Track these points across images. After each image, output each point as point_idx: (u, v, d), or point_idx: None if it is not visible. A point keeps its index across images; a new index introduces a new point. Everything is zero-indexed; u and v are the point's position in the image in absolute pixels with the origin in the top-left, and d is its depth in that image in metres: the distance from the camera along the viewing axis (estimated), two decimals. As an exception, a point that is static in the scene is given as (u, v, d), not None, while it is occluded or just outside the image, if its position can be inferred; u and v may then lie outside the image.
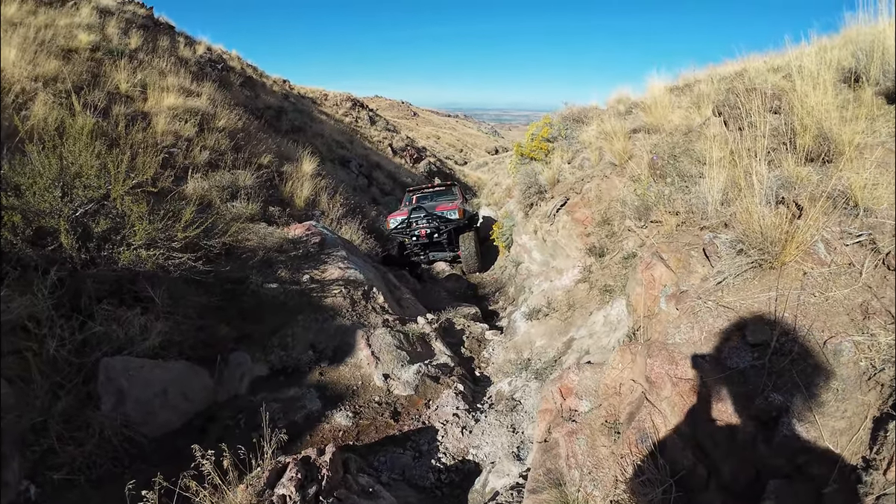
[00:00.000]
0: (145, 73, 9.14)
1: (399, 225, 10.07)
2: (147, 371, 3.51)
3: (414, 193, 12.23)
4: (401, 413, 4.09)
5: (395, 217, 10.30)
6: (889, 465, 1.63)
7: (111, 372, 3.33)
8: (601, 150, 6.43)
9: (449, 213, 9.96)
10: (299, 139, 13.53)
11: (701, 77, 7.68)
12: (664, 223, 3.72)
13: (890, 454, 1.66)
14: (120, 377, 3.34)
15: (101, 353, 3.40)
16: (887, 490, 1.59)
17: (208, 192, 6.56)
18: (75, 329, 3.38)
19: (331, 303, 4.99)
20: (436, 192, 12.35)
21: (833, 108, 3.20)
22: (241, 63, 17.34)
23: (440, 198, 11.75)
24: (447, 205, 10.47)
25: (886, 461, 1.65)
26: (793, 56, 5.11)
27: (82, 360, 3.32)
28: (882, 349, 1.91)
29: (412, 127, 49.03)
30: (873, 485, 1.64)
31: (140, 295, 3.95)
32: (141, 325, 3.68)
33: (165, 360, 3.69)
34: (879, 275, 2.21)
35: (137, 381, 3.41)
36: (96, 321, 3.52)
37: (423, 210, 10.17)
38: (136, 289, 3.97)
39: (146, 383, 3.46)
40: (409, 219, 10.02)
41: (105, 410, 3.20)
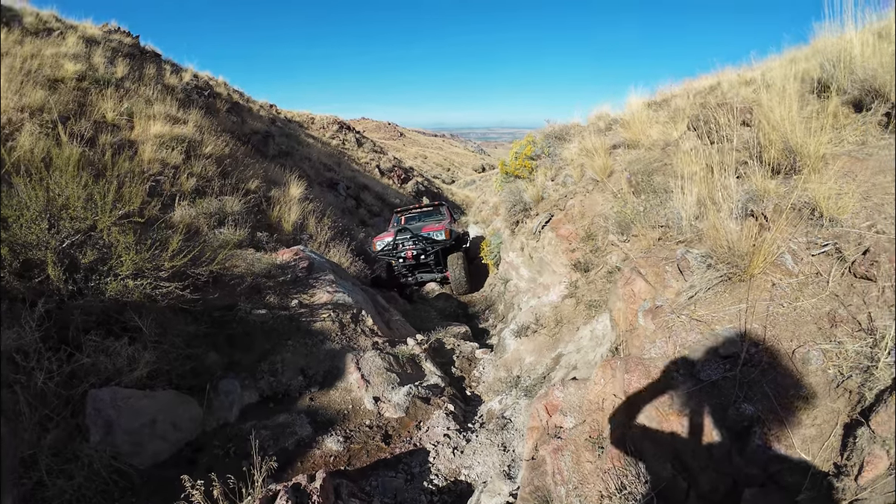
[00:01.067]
0: (132, 101, 9.20)
1: (385, 247, 10.05)
2: (135, 401, 3.49)
3: (402, 214, 12.21)
4: (392, 436, 4.09)
5: (381, 239, 10.28)
6: (860, 471, 1.69)
7: (99, 403, 3.31)
8: (583, 166, 6.56)
9: (435, 234, 9.95)
10: (287, 163, 13.59)
11: (677, 92, 7.91)
12: (644, 238, 3.81)
13: (860, 460, 1.72)
14: (108, 408, 3.32)
15: (89, 384, 3.39)
16: (860, 496, 1.65)
17: (195, 219, 6.57)
18: (63, 361, 3.37)
19: (320, 327, 5.01)
20: (423, 212, 12.30)
21: (798, 122, 3.31)
22: (227, 89, 17.47)
23: (428, 218, 11.73)
24: (434, 225, 10.46)
25: (857, 467, 1.71)
26: (764, 69, 5.29)
27: (70, 391, 3.31)
28: (850, 357, 1.99)
29: (399, 147, 49.39)
30: (845, 491, 1.69)
31: (127, 325, 3.95)
32: (129, 356, 3.67)
33: (154, 390, 3.67)
34: (846, 283, 2.30)
35: (126, 412, 3.39)
36: (84, 352, 3.51)
37: (409, 231, 10.13)
38: (124, 319, 3.96)
39: (135, 414, 3.44)
40: (395, 240, 9.99)
41: (94, 442, 3.18)
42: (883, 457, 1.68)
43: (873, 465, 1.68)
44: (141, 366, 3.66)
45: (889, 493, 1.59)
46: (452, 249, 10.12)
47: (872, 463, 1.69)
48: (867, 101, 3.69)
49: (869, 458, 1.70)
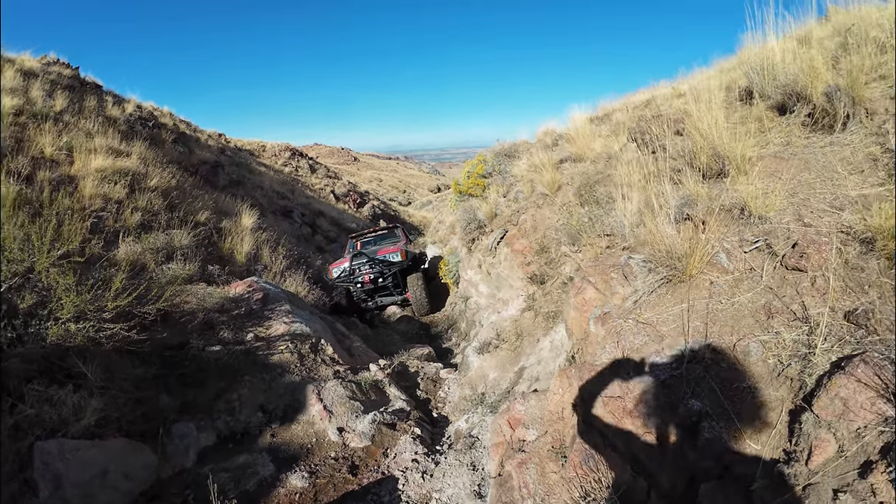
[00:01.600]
0: (71, 135, 8.83)
1: (342, 273, 9.96)
2: (84, 452, 3.28)
3: (357, 239, 12.13)
4: (359, 466, 3.99)
5: (337, 266, 10.19)
6: (810, 456, 1.76)
7: (46, 456, 3.11)
8: (532, 181, 6.71)
9: (391, 256, 9.93)
10: (238, 193, 13.32)
11: (617, 106, 8.26)
12: (593, 247, 3.92)
13: (808, 445, 1.79)
14: (56, 461, 3.12)
15: (35, 436, 3.17)
16: (812, 480, 1.71)
17: (141, 255, 6.31)
18: (5, 413, 3.15)
19: (278, 360, 4.86)
20: (378, 235, 12.26)
21: (725, 129, 3.50)
22: (173, 119, 17.06)
23: (383, 241, 11.71)
24: (389, 247, 10.47)
25: (807, 452, 1.78)
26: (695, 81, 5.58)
27: (16, 445, 3.09)
28: (787, 345, 2.09)
29: (353, 172, 49.25)
30: (798, 476, 1.75)
31: (71, 371, 3.73)
32: (74, 404, 3.46)
33: (103, 439, 3.46)
34: (779, 276, 2.43)
35: (75, 464, 3.19)
36: (27, 403, 3.29)
37: (365, 256, 10.09)
38: (67, 365, 3.74)
39: (84, 466, 3.23)
40: (351, 266, 9.92)
41: (43, 498, 2.97)
42: (830, 440, 1.75)
43: (822, 449, 1.75)
44: (88, 414, 3.46)
45: (841, 476, 1.67)
46: (410, 270, 10.10)
47: (821, 447, 1.76)
48: (790, 104, 3.93)
49: (817, 442, 1.77)
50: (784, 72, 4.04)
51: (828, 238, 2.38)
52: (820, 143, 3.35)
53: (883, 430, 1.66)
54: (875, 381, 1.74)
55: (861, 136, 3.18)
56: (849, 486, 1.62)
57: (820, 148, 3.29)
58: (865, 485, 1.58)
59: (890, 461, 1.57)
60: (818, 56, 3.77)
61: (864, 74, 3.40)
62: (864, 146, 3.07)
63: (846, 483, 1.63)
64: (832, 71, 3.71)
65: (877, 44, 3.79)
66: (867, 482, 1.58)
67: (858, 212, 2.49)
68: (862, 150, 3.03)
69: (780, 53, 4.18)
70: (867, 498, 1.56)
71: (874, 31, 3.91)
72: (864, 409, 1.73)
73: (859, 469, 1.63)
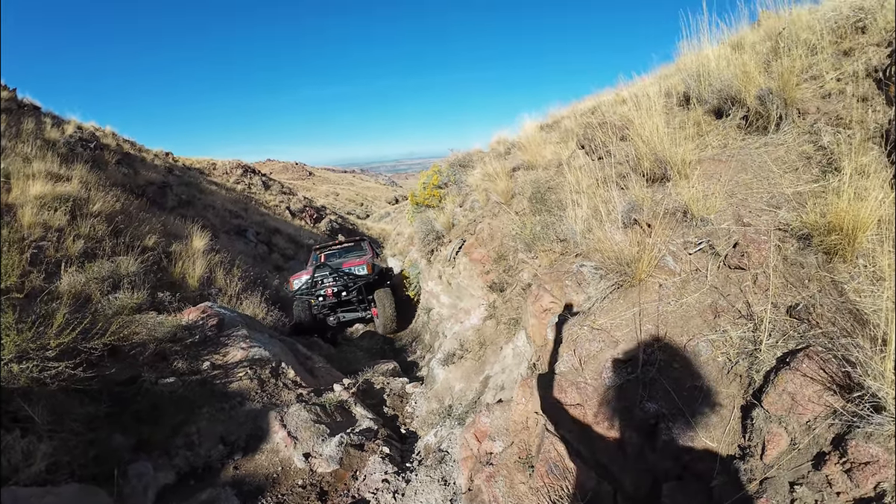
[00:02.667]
0: (8, 161, 8.35)
1: (303, 286, 9.52)
2: (36, 501, 3.06)
3: (321, 252, 11.68)
4: (328, 492, 3.89)
5: (298, 277, 9.80)
6: (764, 450, 1.82)
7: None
8: (487, 190, 6.78)
9: (357, 269, 9.56)
10: (188, 214, 12.90)
11: (566, 113, 8.44)
12: (548, 253, 3.98)
13: (762, 439, 1.85)
14: (10, 512, 2.91)
15: (-15, 486, 2.96)
16: (768, 474, 1.76)
17: (86, 285, 6.00)
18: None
19: (237, 387, 4.69)
20: (344, 248, 11.85)
21: (665, 135, 3.62)
22: (116, 139, 16.39)
23: (348, 254, 11.34)
24: (355, 260, 10.08)
25: (761, 446, 1.84)
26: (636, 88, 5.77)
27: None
28: (735, 343, 2.17)
29: (309, 187, 48.54)
30: (754, 471, 1.81)
31: (17, 415, 3.50)
32: (23, 450, 3.25)
33: (56, 485, 3.24)
34: (723, 275, 2.52)
35: (28, 514, 2.98)
36: (-27, 451, 3.07)
37: (329, 268, 9.68)
38: (12, 409, 3.51)
39: (38, 515, 3.03)
40: (313, 278, 9.48)
41: (-1, 551, 2.77)
42: (782, 434, 1.82)
43: (775, 443, 1.82)
44: (38, 459, 3.24)
45: (796, 468, 1.73)
46: (377, 285, 9.70)
47: (774, 441, 1.82)
48: (726, 108, 4.10)
49: (769, 436, 1.84)
50: (719, 77, 4.21)
51: (766, 236, 2.49)
52: (755, 145, 3.51)
53: (832, 422, 1.74)
54: (820, 374, 1.82)
55: (794, 136, 3.35)
56: (804, 477, 1.68)
57: (755, 149, 3.44)
58: (820, 476, 1.65)
59: (842, 452, 1.64)
60: (751, 61, 3.96)
61: (796, 76, 3.58)
62: (797, 145, 3.23)
63: (801, 475, 1.69)
64: (764, 74, 3.89)
65: (807, 45, 4.00)
66: (822, 473, 1.65)
67: (794, 209, 2.62)
68: (795, 149, 3.20)
69: (715, 60, 4.36)
70: (823, 489, 1.62)
71: (805, 34, 4.11)
72: (812, 402, 1.80)
73: (813, 461, 1.70)
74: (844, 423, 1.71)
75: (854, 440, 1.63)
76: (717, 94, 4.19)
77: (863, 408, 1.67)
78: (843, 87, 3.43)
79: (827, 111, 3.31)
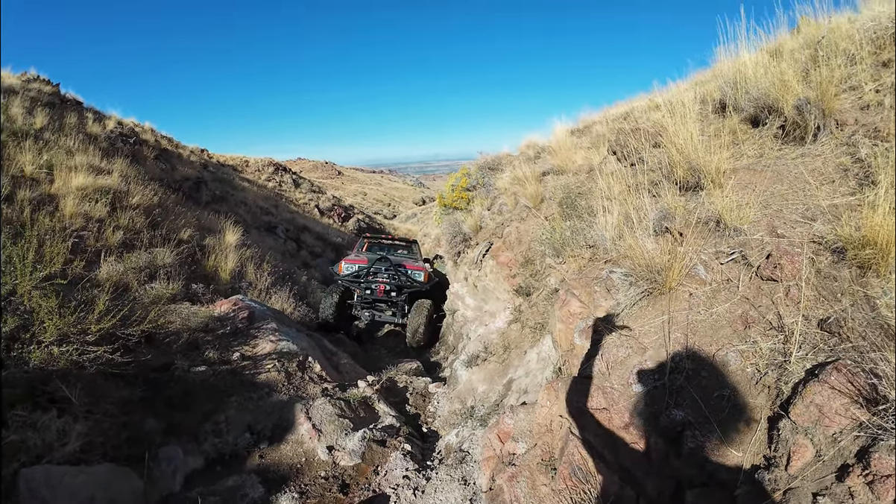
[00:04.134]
0: (52, 153, 8.70)
1: (354, 272, 8.84)
2: (70, 479, 3.21)
3: (369, 240, 10.94)
4: (349, 485, 3.96)
5: (350, 262, 9.13)
6: (789, 461, 1.81)
7: (32, 483, 3.03)
8: (516, 194, 6.80)
9: (416, 274, 8.89)
10: (221, 209, 13.23)
11: (597, 119, 8.40)
12: (576, 259, 3.98)
13: (787, 450, 1.84)
14: (42, 489, 3.04)
15: (20, 463, 3.10)
16: (792, 484, 1.76)
17: (124, 275, 6.24)
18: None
19: (265, 379, 4.82)
20: (395, 246, 10.93)
21: (699, 143, 3.59)
22: (154, 135, 16.92)
23: (398, 252, 10.57)
24: (414, 264, 9.29)
25: (786, 457, 1.83)
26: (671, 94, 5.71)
27: (1, 472, 3.03)
28: (764, 354, 2.15)
29: (338, 186, 49.19)
30: (778, 481, 1.80)
31: (55, 396, 3.66)
32: (59, 429, 3.40)
33: (89, 465, 3.39)
34: (754, 286, 2.50)
35: (60, 491, 3.11)
36: (10, 429, 3.22)
37: (389, 262, 8.83)
38: (50, 389, 3.68)
39: (70, 493, 3.16)
40: (370, 268, 8.76)
41: (30, 525, 2.91)
42: (808, 445, 1.81)
43: (800, 455, 1.81)
44: (73, 439, 3.39)
45: (819, 480, 1.72)
46: (422, 295, 8.97)
47: (799, 452, 1.81)
48: (762, 116, 4.04)
49: (794, 448, 1.83)
50: (756, 85, 4.15)
51: (800, 248, 2.46)
52: (792, 155, 3.45)
53: (858, 434, 1.73)
54: (848, 387, 1.80)
55: (831, 147, 3.28)
56: (827, 489, 1.67)
57: (792, 159, 3.39)
58: (843, 488, 1.64)
59: (865, 464, 1.63)
60: (789, 69, 3.89)
61: (834, 86, 3.51)
62: (834, 157, 3.17)
63: (825, 487, 1.68)
64: (803, 83, 3.83)
65: (847, 55, 3.92)
66: (845, 485, 1.64)
67: (829, 222, 2.58)
68: (832, 161, 3.14)
69: (752, 67, 4.29)
70: (845, 500, 1.61)
71: (844, 43, 4.03)
72: (839, 415, 1.79)
73: (836, 472, 1.69)
74: (869, 435, 1.69)
75: (877, 452, 1.62)
76: (753, 103, 4.13)
77: (887, 420, 1.66)
78: (881, 99, 3.35)
79: (865, 123, 3.24)
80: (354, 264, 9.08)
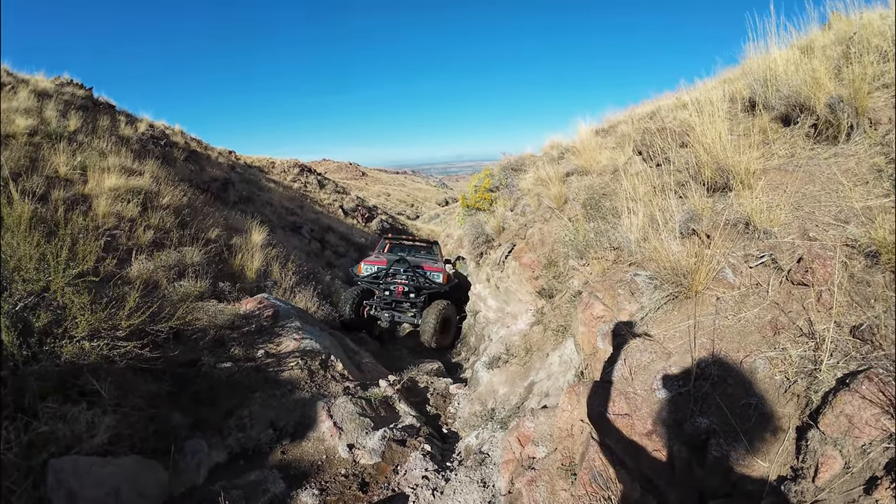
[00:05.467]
0: (85, 154, 9.01)
1: (373, 274, 9.01)
2: (97, 470, 3.31)
3: (391, 241, 11.19)
4: (369, 483, 3.99)
5: (369, 263, 9.30)
6: (817, 473, 1.75)
7: (60, 474, 3.13)
8: (539, 195, 6.75)
9: (434, 275, 9.04)
10: (248, 209, 13.48)
11: (622, 118, 8.28)
12: (600, 261, 3.92)
13: (815, 461, 1.78)
14: (69, 479, 3.14)
15: (49, 453, 3.20)
16: (819, 497, 1.70)
17: (154, 272, 6.40)
18: (20, 430, 3.19)
19: (288, 376, 4.89)
20: (416, 247, 11.11)
21: (728, 143, 3.50)
22: (184, 137, 17.34)
23: (419, 253, 10.73)
24: (433, 265, 9.44)
25: (813, 469, 1.77)
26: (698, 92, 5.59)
27: (30, 462, 3.12)
28: (794, 362, 2.08)
29: (362, 187, 49.62)
30: (805, 493, 1.75)
31: (85, 389, 3.77)
32: (88, 421, 3.50)
33: (116, 456, 3.49)
34: (785, 291, 2.42)
35: (88, 481, 3.21)
36: (41, 420, 3.33)
37: (408, 263, 8.96)
38: (81, 383, 3.79)
39: (97, 483, 3.25)
40: (388, 269, 8.92)
41: (57, 515, 3.00)
42: (836, 457, 1.75)
43: (828, 466, 1.75)
44: (101, 431, 3.49)
45: (847, 493, 1.66)
46: (441, 296, 9.04)
47: (827, 464, 1.75)
48: (794, 115, 3.92)
49: (823, 459, 1.77)
50: (787, 83, 4.04)
51: (833, 252, 2.38)
52: (824, 155, 3.35)
53: (888, 446, 1.66)
54: (879, 397, 1.74)
55: (865, 147, 3.18)
56: (854, 502, 1.61)
57: (824, 159, 3.29)
58: (871, 501, 1.58)
59: (894, 477, 1.57)
60: (820, 66, 3.78)
61: (867, 84, 3.39)
62: (868, 157, 3.06)
63: (852, 499, 1.62)
64: (835, 81, 3.71)
65: (879, 52, 3.79)
66: (872, 498, 1.58)
67: (863, 225, 2.49)
68: (866, 161, 3.03)
69: (783, 64, 4.18)
70: (872, 514, 1.56)
71: (876, 40, 3.90)
72: (869, 426, 1.72)
73: (864, 485, 1.63)
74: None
75: (906, 465, 1.56)
76: (784, 101, 4.02)
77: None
78: (915, 97, 3.23)
79: (900, 122, 3.13)
80: (374, 265, 9.25)
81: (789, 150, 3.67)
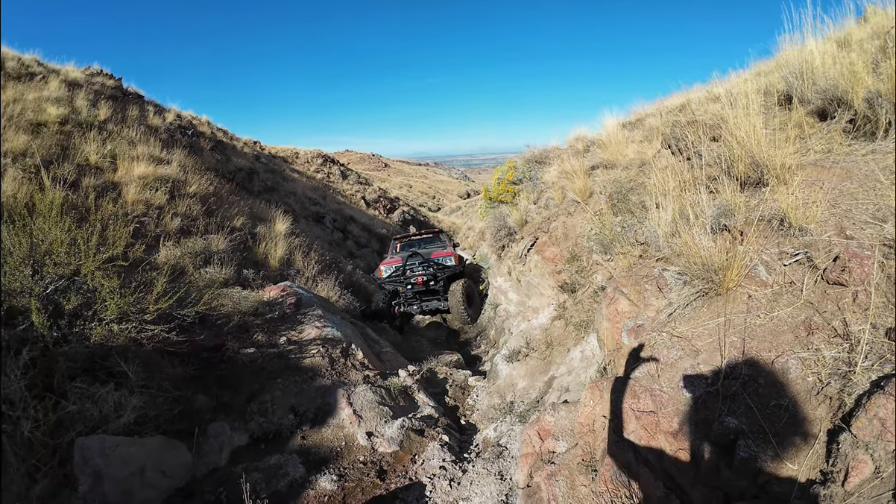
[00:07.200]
0: (115, 143, 9.23)
1: (393, 273, 9.68)
2: (123, 449, 3.40)
3: (399, 241, 11.86)
4: (387, 471, 4.02)
5: (388, 265, 9.96)
6: (846, 477, 1.71)
7: (87, 452, 3.23)
8: (563, 188, 6.67)
9: (446, 260, 9.73)
10: (272, 199, 13.64)
11: (650, 111, 8.10)
12: (626, 256, 3.86)
13: (846, 465, 1.73)
14: (96, 457, 3.24)
15: (76, 432, 3.30)
16: (847, 501, 1.66)
17: (181, 259, 6.53)
18: (49, 409, 3.29)
19: (309, 363, 4.95)
20: (423, 239, 11.86)
21: (763, 136, 3.40)
22: (211, 127, 17.62)
23: (429, 245, 11.36)
24: (442, 251, 10.19)
25: (843, 473, 1.72)
26: (731, 84, 5.44)
27: (57, 440, 3.22)
28: (827, 363, 2.02)
29: (384, 178, 49.80)
30: (833, 497, 1.70)
31: (113, 370, 3.88)
32: (115, 402, 3.60)
33: (142, 437, 3.59)
34: (819, 290, 2.34)
35: (114, 460, 3.30)
36: (70, 400, 3.43)
37: (420, 256, 9.78)
38: (109, 364, 3.89)
39: (123, 462, 3.35)
40: (404, 266, 9.62)
41: (83, 492, 3.09)
42: (867, 461, 1.70)
43: (859, 471, 1.70)
44: (128, 412, 3.58)
45: (876, 498, 1.61)
46: (458, 276, 9.77)
47: (858, 468, 1.70)
48: (830, 109, 3.80)
49: (854, 463, 1.72)
50: (824, 76, 3.91)
51: (870, 251, 2.30)
52: (862, 151, 3.24)
53: (920, 451, 1.61)
54: (915, 401, 1.68)
55: (905, 144, 3.06)
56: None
57: (862, 156, 3.18)
58: (899, 506, 1.53)
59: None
60: (858, 60, 3.65)
61: (905, 79, 3.27)
62: (907, 154, 2.95)
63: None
64: (873, 75, 3.58)
65: (917, 46, 3.65)
66: (901, 503, 1.53)
67: (902, 224, 2.40)
68: (906, 159, 2.92)
69: (820, 57, 4.05)
70: (902, 519, 1.51)
71: (914, 34, 3.76)
72: (902, 430, 1.67)
73: (894, 490, 1.58)
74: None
75: (935, 470, 1.50)
76: (821, 95, 3.89)
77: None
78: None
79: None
80: (391, 265, 9.92)
81: (826, 146, 3.56)
